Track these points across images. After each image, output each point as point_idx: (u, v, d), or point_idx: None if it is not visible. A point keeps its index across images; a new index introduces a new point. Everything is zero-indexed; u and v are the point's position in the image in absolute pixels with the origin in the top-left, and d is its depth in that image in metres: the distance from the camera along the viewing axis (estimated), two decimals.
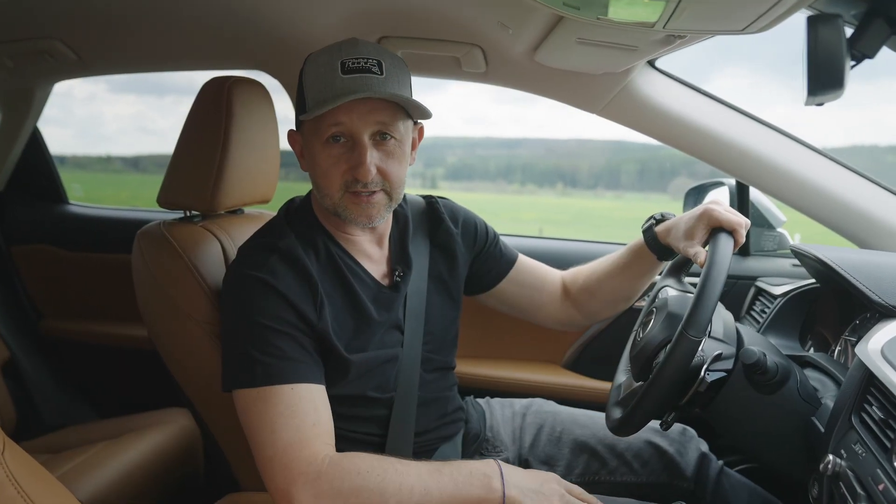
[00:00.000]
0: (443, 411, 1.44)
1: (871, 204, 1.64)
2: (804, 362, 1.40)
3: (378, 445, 1.31)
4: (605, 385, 1.99)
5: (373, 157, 1.20)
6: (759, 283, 1.77)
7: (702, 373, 1.22)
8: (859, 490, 0.97)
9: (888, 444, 0.96)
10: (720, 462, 1.54)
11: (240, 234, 1.46)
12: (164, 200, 1.45)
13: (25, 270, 2.50)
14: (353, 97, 1.14)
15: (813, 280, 1.55)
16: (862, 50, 0.87)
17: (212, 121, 1.39)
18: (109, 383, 2.44)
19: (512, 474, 1.15)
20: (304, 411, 1.13)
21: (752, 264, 1.93)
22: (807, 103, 1.04)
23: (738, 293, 1.84)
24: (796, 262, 1.83)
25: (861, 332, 1.40)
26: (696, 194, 2.12)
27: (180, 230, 1.37)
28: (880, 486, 0.92)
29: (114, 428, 1.88)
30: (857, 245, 1.70)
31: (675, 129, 1.68)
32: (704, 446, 1.56)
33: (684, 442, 1.55)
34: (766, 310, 1.64)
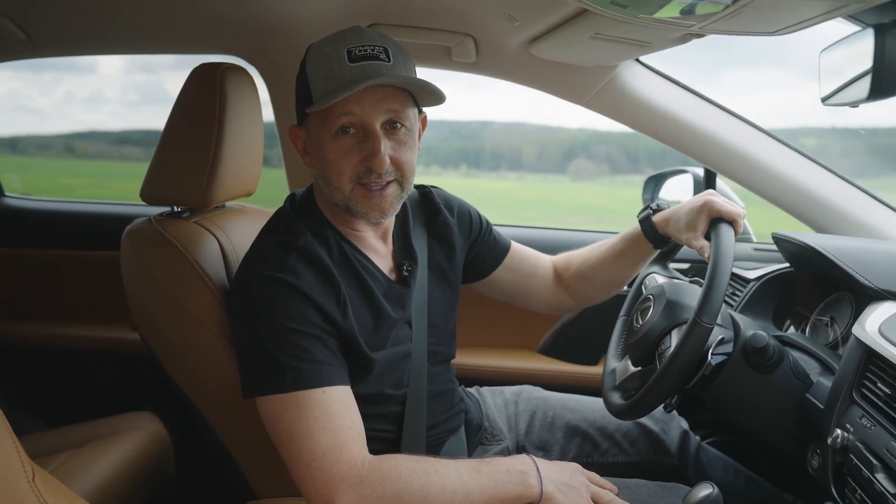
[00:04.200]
0: (449, 403, 1.45)
1: (827, 191, 1.77)
2: (784, 342, 1.50)
3: (392, 441, 1.30)
4: (583, 369, 2.06)
5: (386, 147, 1.17)
6: None
7: (708, 357, 1.29)
8: (874, 461, 1.06)
9: None
10: (697, 438, 1.64)
11: (234, 230, 1.40)
12: (150, 195, 1.36)
13: None
14: (366, 83, 1.11)
15: (786, 264, 1.66)
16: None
17: (204, 110, 1.31)
18: (57, 389, 2.27)
19: (546, 469, 1.18)
20: (338, 414, 1.11)
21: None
22: (825, 104, 1.12)
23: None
24: (758, 246, 1.94)
25: (832, 311, 1.52)
26: (655, 181, 2.21)
27: (176, 227, 1.29)
28: None
29: (75, 436, 1.75)
30: (813, 229, 1.83)
31: (654, 121, 1.74)
32: (685, 424, 1.65)
33: (667, 421, 1.63)
34: (738, 293, 1.73)
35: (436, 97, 1.21)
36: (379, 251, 1.34)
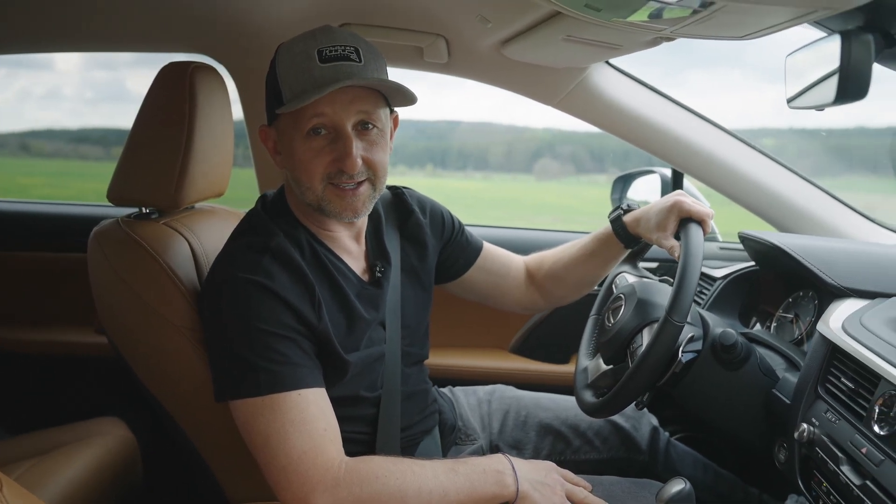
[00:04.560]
0: (423, 404, 1.45)
1: (789, 191, 1.82)
2: (750, 339, 1.54)
3: (367, 443, 1.30)
4: (554, 368, 2.08)
5: (357, 148, 1.17)
6: None
7: (679, 355, 1.31)
8: (839, 454, 1.09)
9: (862, 413, 1.09)
10: (667, 434, 1.67)
11: (204, 231, 1.38)
12: (117, 196, 1.33)
13: None
14: (338, 85, 1.10)
15: (752, 263, 1.70)
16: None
17: (174, 110, 1.29)
18: (18, 394, 2.20)
19: (521, 468, 1.19)
20: (314, 417, 1.10)
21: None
22: (791, 107, 1.15)
23: (675, 275, 1.97)
24: (723, 245, 1.99)
25: (796, 309, 1.57)
26: (623, 182, 2.24)
27: (145, 229, 1.27)
28: (863, 450, 1.04)
29: (40, 443, 1.70)
30: (776, 228, 1.88)
31: (623, 122, 1.77)
32: (654, 420, 1.68)
33: (638, 418, 1.66)
34: (706, 291, 1.77)
35: (407, 98, 1.21)
36: (352, 252, 1.33)
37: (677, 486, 1.17)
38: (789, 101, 1.18)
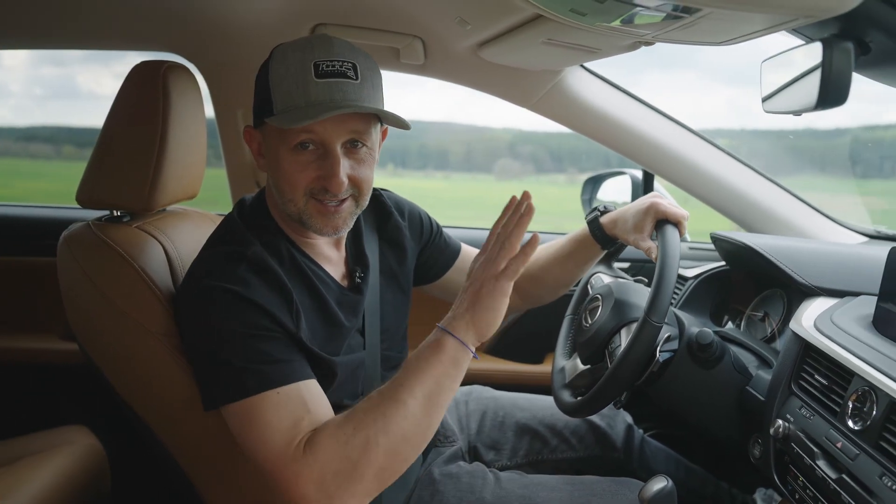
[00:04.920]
0: None
1: (756, 192, 1.87)
2: (723, 338, 1.58)
3: None
4: (529, 368, 2.10)
5: (345, 167, 1.15)
6: None
7: (657, 354, 1.34)
8: (815, 448, 1.13)
9: (836, 408, 1.12)
10: (641, 431, 1.70)
11: (179, 235, 1.34)
12: (88, 198, 1.29)
13: None
14: (332, 113, 1.07)
15: (722, 262, 1.74)
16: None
17: (147, 110, 1.26)
18: None
19: (451, 322, 1.12)
20: (298, 406, 1.07)
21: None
22: (767, 111, 1.18)
23: (648, 275, 2.01)
24: (693, 245, 2.03)
25: (766, 307, 1.61)
26: (593, 183, 2.28)
27: (118, 233, 1.23)
28: (838, 445, 1.07)
29: (4, 453, 1.64)
30: (743, 228, 1.93)
31: (597, 124, 1.79)
32: (629, 418, 1.71)
33: (613, 416, 1.68)
34: (678, 290, 1.80)
35: (400, 124, 1.19)
36: (331, 259, 1.32)
37: (659, 483, 1.19)
38: (765, 104, 1.21)
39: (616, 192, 2.20)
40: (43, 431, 1.73)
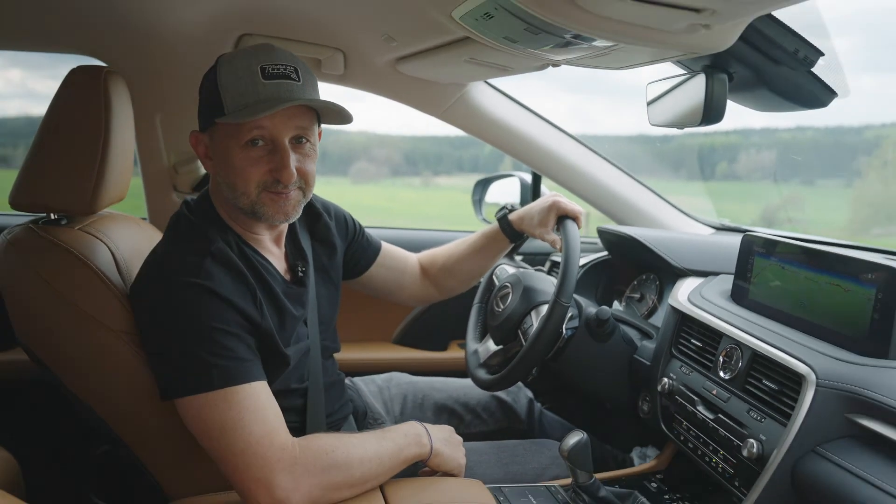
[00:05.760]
0: (340, 393, 1.56)
1: (626, 191, 2.17)
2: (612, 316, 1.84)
3: (298, 431, 1.37)
4: (435, 354, 2.28)
5: (293, 160, 1.26)
6: (553, 258, 2.19)
7: (563, 331, 1.56)
8: (695, 397, 1.40)
9: (710, 364, 1.40)
10: (539, 404, 1.93)
11: (117, 236, 1.37)
12: (23, 201, 1.28)
13: None
14: (286, 104, 1.19)
15: (604, 252, 2.01)
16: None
17: (89, 115, 1.28)
18: None
19: (432, 430, 1.36)
20: (264, 405, 1.18)
21: (540, 242, 2.36)
22: (653, 125, 1.43)
23: (539, 265, 2.25)
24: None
25: (642, 289, 1.90)
26: (483, 184, 2.48)
27: (66, 235, 1.25)
28: (713, 392, 1.35)
29: None
30: (615, 221, 2.22)
31: (495, 132, 2.00)
32: (530, 393, 1.94)
33: (516, 392, 1.90)
34: None
35: (343, 118, 1.32)
36: (274, 253, 1.41)
37: (575, 437, 1.39)
38: (651, 119, 1.47)
39: (504, 193, 2.42)
40: None
